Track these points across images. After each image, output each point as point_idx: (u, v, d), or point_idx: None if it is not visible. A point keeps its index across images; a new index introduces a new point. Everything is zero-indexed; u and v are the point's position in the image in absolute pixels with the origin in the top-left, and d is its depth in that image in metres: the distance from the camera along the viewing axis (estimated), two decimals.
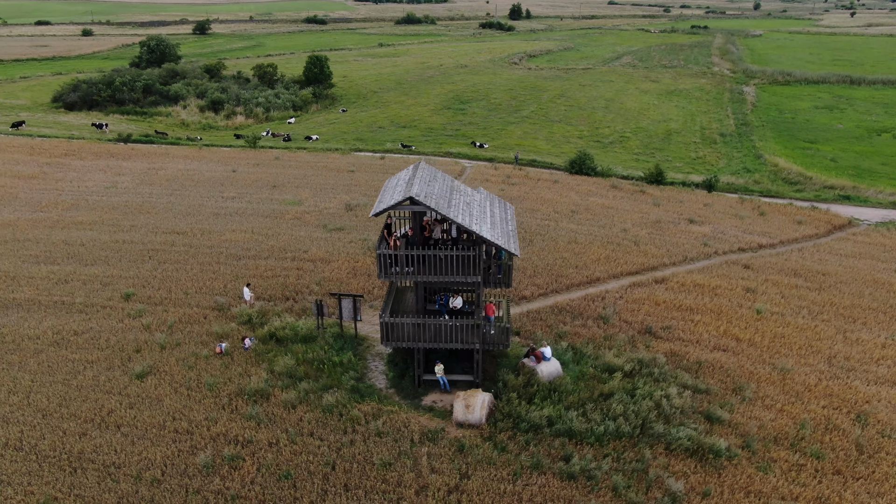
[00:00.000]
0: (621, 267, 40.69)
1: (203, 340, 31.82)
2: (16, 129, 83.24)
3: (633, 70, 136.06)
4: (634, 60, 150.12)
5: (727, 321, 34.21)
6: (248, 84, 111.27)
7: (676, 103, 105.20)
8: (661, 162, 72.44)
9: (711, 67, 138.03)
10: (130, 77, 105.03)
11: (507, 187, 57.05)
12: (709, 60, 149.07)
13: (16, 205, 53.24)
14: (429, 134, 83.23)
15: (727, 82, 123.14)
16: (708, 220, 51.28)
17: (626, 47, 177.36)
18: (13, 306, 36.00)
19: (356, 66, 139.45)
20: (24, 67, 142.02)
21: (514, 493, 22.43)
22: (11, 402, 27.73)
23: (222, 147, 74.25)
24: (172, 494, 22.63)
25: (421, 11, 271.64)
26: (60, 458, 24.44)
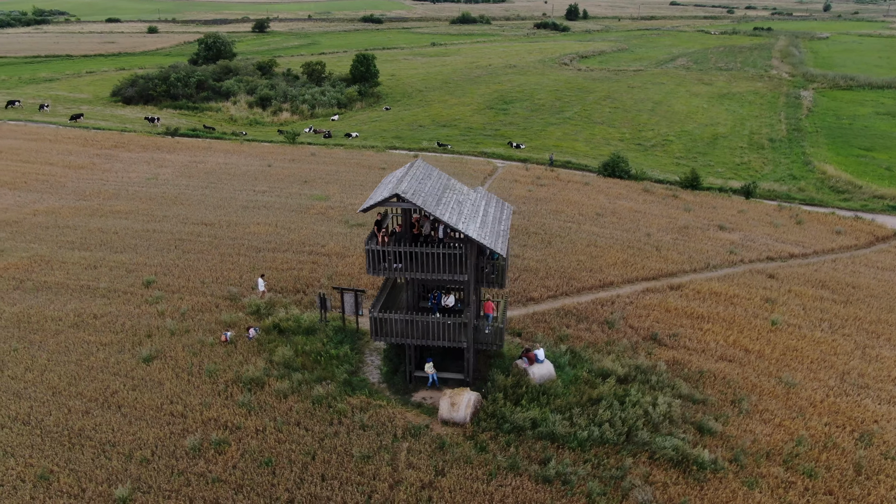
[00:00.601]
0: (638, 272, 39.95)
1: (211, 328, 32.82)
2: (74, 121, 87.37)
3: (685, 72, 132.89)
4: (689, 62, 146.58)
5: (738, 331, 33.21)
6: (297, 81, 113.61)
7: (727, 107, 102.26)
8: (702, 167, 70.83)
9: (769, 71, 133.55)
10: (185, 73, 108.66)
11: (536, 188, 56.68)
12: (767, 63, 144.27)
13: (62, 193, 55.93)
14: (468, 133, 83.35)
15: (784, 86, 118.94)
16: (739, 227, 49.78)
17: (683, 49, 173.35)
18: (44, 289, 37.89)
19: (405, 65, 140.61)
20: (91, 63, 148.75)
21: (486, 492, 22.40)
22: (26, 378, 29.24)
23: (263, 142, 76.16)
24: (158, 474, 23.49)
25: (477, 11, 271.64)
26: (62, 433, 25.66)
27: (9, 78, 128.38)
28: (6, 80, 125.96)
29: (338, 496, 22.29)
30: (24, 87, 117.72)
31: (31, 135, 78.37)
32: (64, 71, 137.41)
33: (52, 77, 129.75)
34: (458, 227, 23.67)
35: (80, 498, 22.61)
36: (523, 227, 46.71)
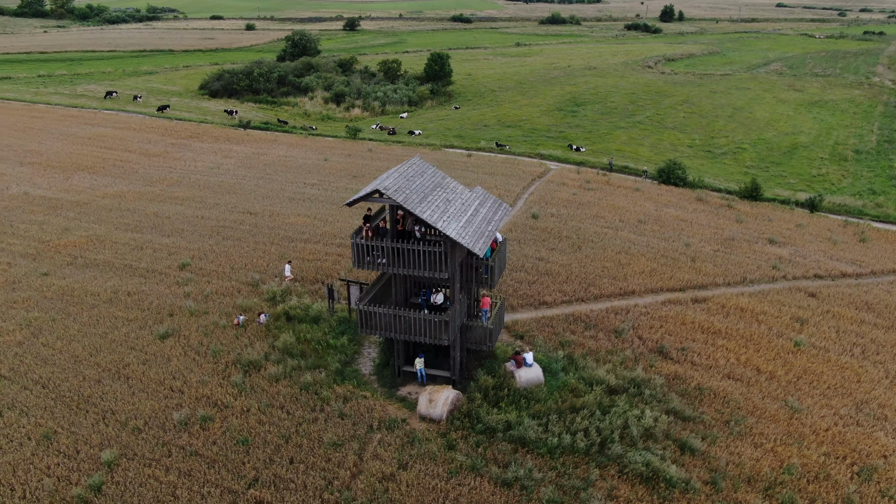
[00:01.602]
0: (664, 282, 38.69)
1: (227, 312, 34.46)
2: (161, 111, 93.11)
3: (777, 78, 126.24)
4: (783, 67, 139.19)
5: (754, 350, 31.62)
6: (374, 79, 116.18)
7: (815, 115, 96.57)
8: (773, 177, 67.60)
9: (871, 78, 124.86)
10: (267, 69, 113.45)
11: (582, 192, 55.73)
12: (871, 70, 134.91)
13: (132, 178, 59.93)
14: (531, 134, 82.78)
15: (885, 94, 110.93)
16: (792, 241, 47.17)
17: (780, 53, 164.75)
18: (92, 266, 40.89)
19: (484, 65, 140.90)
20: (189, 57, 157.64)
21: (443, 490, 22.54)
22: (55, 346, 31.77)
23: (327, 137, 78.55)
24: (145, 443, 25.04)
25: (569, 12, 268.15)
26: (72, 399, 27.77)
27: (115, 70, 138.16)
28: (112, 73, 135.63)
29: (300, 479, 23.04)
30: (125, 79, 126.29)
31: (119, 123, 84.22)
32: (163, 65, 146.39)
33: (152, 70, 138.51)
34: (436, 225, 23.87)
35: (74, 458, 24.43)
36: (556, 230, 46.13)
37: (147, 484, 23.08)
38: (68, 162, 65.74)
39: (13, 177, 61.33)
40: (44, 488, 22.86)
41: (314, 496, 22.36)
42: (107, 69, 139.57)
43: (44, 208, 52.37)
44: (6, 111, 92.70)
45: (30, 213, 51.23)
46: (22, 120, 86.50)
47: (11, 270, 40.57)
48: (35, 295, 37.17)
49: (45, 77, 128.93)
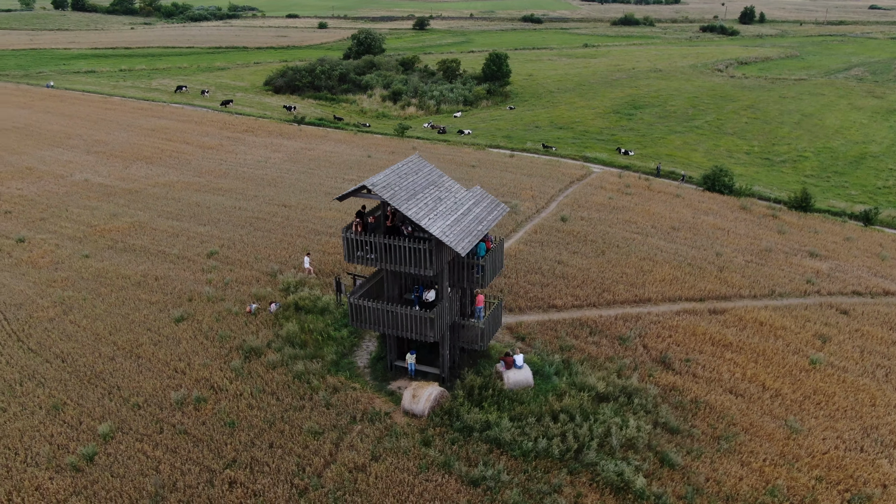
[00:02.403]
0: (683, 291, 37.61)
1: (242, 299, 35.75)
2: (224, 106, 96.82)
3: (856, 84, 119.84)
4: (864, 73, 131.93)
5: (763, 365, 30.38)
6: (433, 77, 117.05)
7: (892, 124, 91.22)
8: (832, 188, 64.66)
9: None
10: (329, 66, 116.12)
11: (619, 196, 54.68)
12: None
13: (184, 169, 62.71)
14: (581, 136, 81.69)
15: None
16: (836, 255, 44.92)
17: (864, 58, 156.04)
18: (129, 250, 43.16)
19: (546, 66, 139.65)
20: (261, 54, 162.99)
21: (410, 484, 22.79)
22: (81, 324, 33.79)
23: (376, 134, 79.83)
24: (141, 419, 26.39)
25: (645, 13, 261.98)
26: (85, 373, 29.51)
27: (190, 66, 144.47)
28: (187, 68, 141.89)
29: (275, 463, 23.78)
30: (198, 75, 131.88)
31: (183, 117, 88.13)
32: (236, 61, 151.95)
33: (225, 66, 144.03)
34: (419, 222, 24.10)
35: (75, 429, 26.01)
36: (583, 234, 45.49)
37: (135, 457, 24.33)
38: (130, 152, 69.36)
39: (79, 164, 65.24)
40: (42, 454, 24.43)
41: (285, 481, 23.04)
42: (183, 65, 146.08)
43: (99, 195, 55.51)
44: (85, 103, 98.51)
45: (86, 199, 54.41)
46: (97, 111, 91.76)
47: (57, 251, 43.28)
48: (73, 275, 39.55)
49: (125, 71, 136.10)
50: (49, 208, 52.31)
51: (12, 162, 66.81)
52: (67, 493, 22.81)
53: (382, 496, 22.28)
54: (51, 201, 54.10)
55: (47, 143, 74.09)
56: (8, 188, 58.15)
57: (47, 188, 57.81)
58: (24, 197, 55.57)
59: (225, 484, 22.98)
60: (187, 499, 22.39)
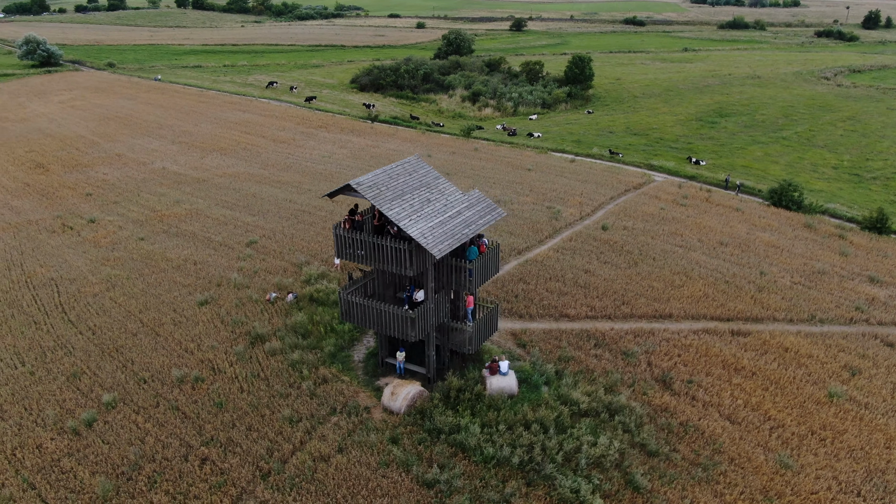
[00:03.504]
0: (711, 310, 35.88)
1: (265, 288, 37.38)
2: (308, 102, 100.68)
3: None
4: None
5: (773, 394, 28.57)
6: (516, 79, 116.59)
7: None
8: None
9: None
10: (414, 66, 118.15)
11: (672, 207, 52.65)
12: None
13: (251, 161, 65.94)
14: (654, 144, 79.04)
15: None
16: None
17: None
18: (180, 235, 46.05)
19: (637, 70, 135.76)
20: (356, 53, 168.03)
21: (367, 478, 23.22)
22: (118, 300, 36.50)
23: (443, 134, 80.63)
24: (143, 392, 28.30)
25: (758, 16, 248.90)
26: (108, 347, 31.93)
27: (287, 63, 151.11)
28: (285, 65, 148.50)
29: (248, 445, 24.89)
30: (293, 71, 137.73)
31: (266, 111, 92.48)
32: (331, 59, 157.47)
33: (319, 64, 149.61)
34: (398, 222, 24.46)
35: (86, 396, 28.24)
36: (621, 244, 44.24)
37: (127, 427, 26.15)
38: (209, 143, 73.66)
39: (161, 153, 70.01)
40: (49, 416, 26.71)
41: (252, 463, 24.07)
42: (281, 61, 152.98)
43: (171, 182, 59.42)
44: (182, 96, 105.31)
45: (158, 186, 58.40)
46: (191, 104, 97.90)
47: (118, 233, 46.81)
48: (125, 256, 42.69)
49: (228, 67, 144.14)
50: (124, 193, 56.54)
51: (106, 149, 72.58)
52: (62, 454, 24.85)
53: (337, 487, 22.84)
54: (128, 186, 58.43)
55: (140, 132, 79.90)
56: (96, 173, 63.28)
57: (129, 174, 62.43)
58: (106, 181, 60.33)
59: (197, 460, 24.29)
60: (161, 470, 23.86)
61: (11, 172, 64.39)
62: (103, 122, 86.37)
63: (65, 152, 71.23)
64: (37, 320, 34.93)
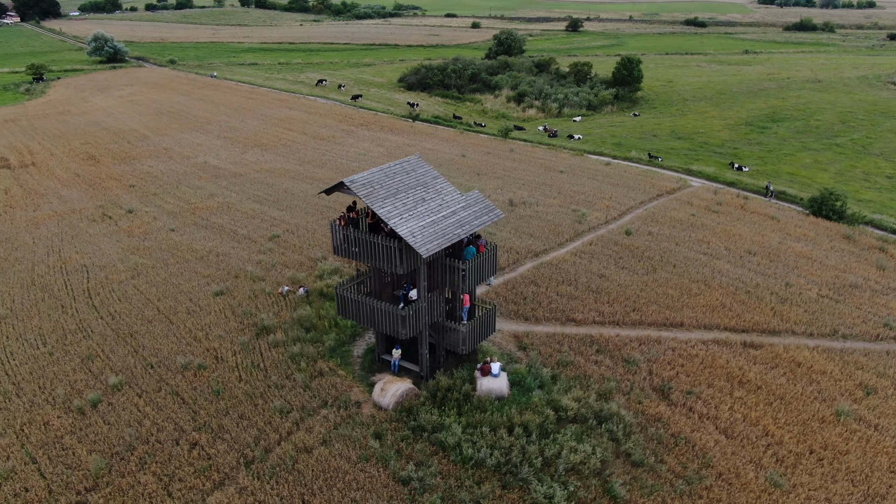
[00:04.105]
0: (726, 320, 34.87)
1: (279, 281, 38.28)
2: (354, 100, 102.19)
3: None
4: None
5: (776, 409, 27.59)
6: (564, 80, 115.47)
7: None
8: None
9: None
10: (462, 66, 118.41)
11: (703, 214, 51.28)
12: None
13: (290, 157, 67.45)
14: (697, 149, 77.10)
15: None
16: None
17: None
18: (209, 227, 47.56)
19: (691, 73, 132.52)
20: (408, 52, 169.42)
21: (345, 471, 23.58)
22: (140, 288, 38.01)
23: (481, 134, 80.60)
24: (148, 377, 29.43)
25: (828, 17, 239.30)
26: (123, 332, 33.32)
27: (340, 61, 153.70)
28: (337, 63, 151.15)
29: (236, 432, 25.61)
30: (344, 70, 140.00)
31: (311, 108, 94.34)
32: (383, 58, 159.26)
33: (371, 63, 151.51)
34: (388, 221, 24.74)
35: (96, 378, 29.56)
36: (642, 249, 43.41)
37: (128, 409, 27.27)
38: (252, 139, 75.70)
39: (206, 148, 72.36)
40: (59, 395, 28.09)
41: (238, 449, 24.77)
42: (335, 60, 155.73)
43: (209, 176, 61.37)
44: (234, 92, 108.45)
45: (196, 179, 60.42)
46: (240, 100, 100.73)
47: (152, 223, 48.68)
48: (154, 246, 44.38)
49: (283, 64, 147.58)
50: (165, 185, 58.71)
51: (155, 142, 75.48)
52: (65, 431, 26.11)
53: (314, 478, 23.28)
54: (169, 179, 60.65)
55: (189, 127, 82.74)
56: (142, 165, 65.91)
57: (172, 167, 64.78)
58: (150, 174, 62.75)
59: (188, 444, 25.14)
60: (152, 452, 24.81)
61: (66, 163, 67.67)
62: (156, 116, 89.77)
63: (116, 145, 74.39)
64: (64, 304, 36.70)
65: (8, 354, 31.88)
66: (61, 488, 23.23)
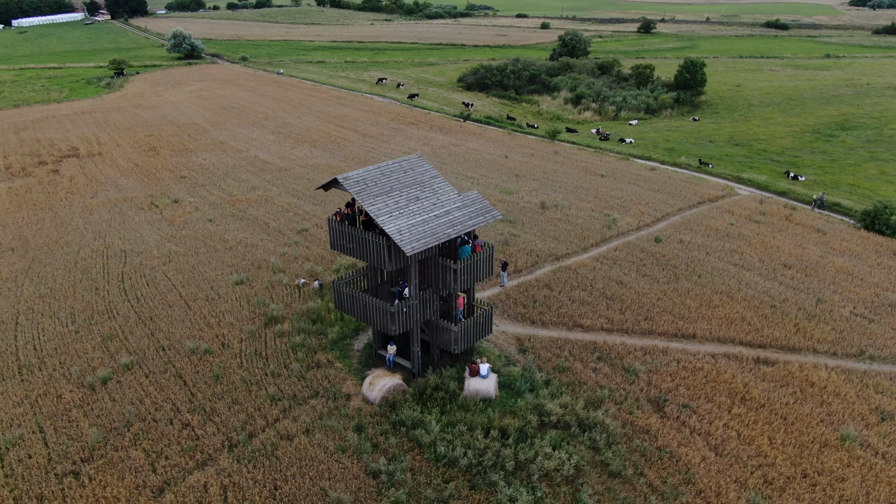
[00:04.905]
0: (742, 334, 33.60)
1: (297, 273, 39.36)
2: (410, 99, 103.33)
3: None
4: None
5: (774, 430, 26.43)
6: (625, 83, 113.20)
7: None
8: None
9: None
10: (521, 66, 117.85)
11: (744, 223, 49.39)
12: None
13: (336, 154, 68.98)
14: (754, 156, 74.19)
15: None
16: None
17: None
18: (244, 219, 49.32)
19: (763, 77, 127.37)
20: (473, 52, 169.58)
21: (320, 460, 24.14)
22: (169, 274, 39.86)
23: (529, 136, 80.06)
24: (157, 359, 30.90)
25: None
26: (144, 315, 35.07)
27: (405, 60, 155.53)
28: (402, 62, 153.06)
29: (225, 415, 26.61)
30: (407, 69, 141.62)
31: (366, 106, 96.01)
32: (448, 57, 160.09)
33: (435, 62, 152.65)
34: (376, 218, 25.14)
35: (111, 357, 31.26)
36: (668, 257, 42.28)
37: (133, 388, 28.73)
38: (304, 135, 77.79)
39: (258, 142, 74.86)
40: (74, 371, 29.88)
41: (224, 432, 25.73)
42: (399, 59, 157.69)
43: (256, 169, 63.52)
44: (296, 89, 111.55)
45: (244, 172, 62.65)
46: (300, 97, 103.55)
47: (193, 213, 50.86)
48: (190, 235, 46.38)
49: (349, 63, 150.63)
50: (213, 177, 61.16)
51: (213, 136, 78.64)
52: (74, 405, 27.77)
53: (289, 465, 23.95)
54: (218, 171, 63.13)
55: (247, 122, 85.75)
56: (197, 157, 68.84)
57: (223, 160, 67.38)
58: (202, 166, 65.48)
59: (180, 424, 26.30)
60: (147, 429, 26.08)
61: (128, 154, 71.41)
62: (219, 111, 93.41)
63: (177, 138, 77.91)
64: (98, 286, 38.89)
65: (40, 330, 34.06)
66: (60, 457, 24.74)
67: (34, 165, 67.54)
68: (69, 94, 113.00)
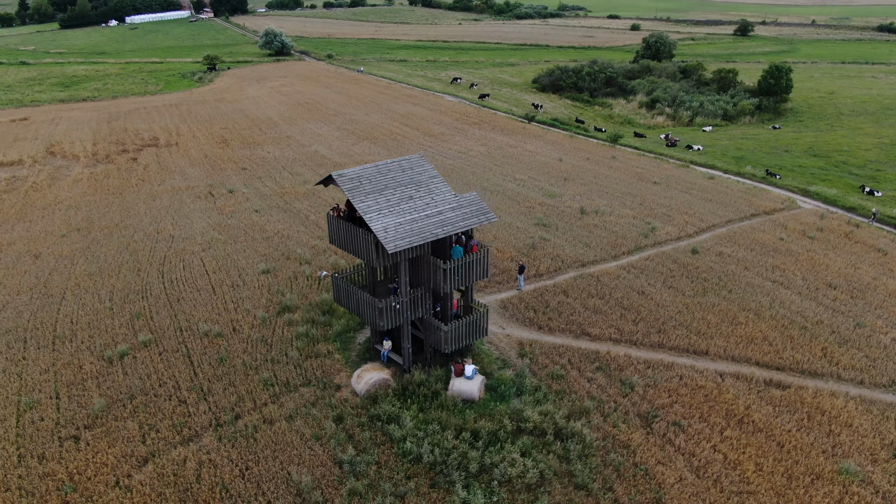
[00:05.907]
0: (759, 355, 31.99)
1: (321, 266, 40.60)
2: (480, 99, 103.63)
3: None
4: None
5: (766, 456, 25.07)
6: (707, 87, 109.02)
7: None
8: None
9: None
10: (598, 68, 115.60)
11: (796, 239, 46.73)
12: None
13: (394, 151, 70.25)
14: (830, 168, 69.87)
15: None
16: None
17: None
18: (287, 211, 51.26)
19: (861, 84, 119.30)
20: (556, 53, 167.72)
21: (295, 446, 25.02)
22: (205, 260, 42.10)
23: (590, 139, 78.59)
24: (172, 339, 32.80)
25: None
26: (174, 298, 37.23)
27: (485, 60, 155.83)
28: (482, 62, 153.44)
29: (219, 395, 27.99)
30: (486, 69, 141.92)
31: (433, 105, 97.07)
32: (528, 58, 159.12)
33: (515, 63, 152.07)
34: (365, 216, 25.72)
35: (133, 333, 33.46)
36: (701, 270, 40.70)
37: (145, 364, 30.67)
38: (367, 132, 79.66)
39: (323, 137, 77.34)
40: (98, 345, 32.20)
41: (214, 412, 27.08)
42: (480, 59, 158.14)
43: (312, 164, 65.72)
44: (371, 87, 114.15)
45: (300, 166, 64.97)
46: (373, 95, 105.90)
47: (243, 204, 53.31)
48: (234, 224, 48.69)
49: (430, 62, 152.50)
50: (271, 170, 63.78)
51: (282, 130, 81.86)
52: (91, 376, 29.97)
53: (265, 447, 24.95)
54: (277, 164, 65.75)
55: (316, 118, 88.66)
56: (261, 151, 71.94)
57: (285, 154, 70.09)
58: (264, 158, 68.40)
59: (176, 401, 27.88)
60: (147, 402, 27.83)
61: (202, 145, 75.47)
62: (293, 106, 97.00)
63: (248, 131, 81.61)
64: (141, 268, 41.56)
65: (80, 305, 36.83)
66: (66, 422, 26.80)
67: (117, 153, 72.52)
68: (163, 88, 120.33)
